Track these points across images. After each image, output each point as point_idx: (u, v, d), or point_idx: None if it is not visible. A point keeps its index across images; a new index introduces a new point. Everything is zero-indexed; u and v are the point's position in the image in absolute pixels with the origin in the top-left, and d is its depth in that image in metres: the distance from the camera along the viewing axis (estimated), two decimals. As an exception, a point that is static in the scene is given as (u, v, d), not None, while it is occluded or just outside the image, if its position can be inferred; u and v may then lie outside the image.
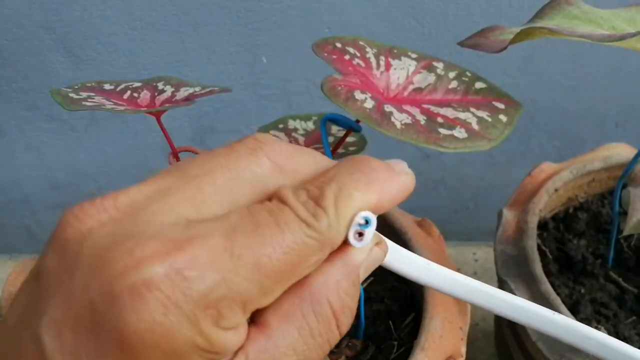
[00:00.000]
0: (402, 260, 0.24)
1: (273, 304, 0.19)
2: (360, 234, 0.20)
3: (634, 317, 0.43)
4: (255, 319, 0.20)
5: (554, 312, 0.25)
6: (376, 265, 0.22)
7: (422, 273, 0.24)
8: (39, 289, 0.19)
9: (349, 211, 0.20)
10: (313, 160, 0.22)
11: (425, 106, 0.32)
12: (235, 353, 0.19)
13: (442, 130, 0.29)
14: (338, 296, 0.20)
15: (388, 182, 0.22)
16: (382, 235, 0.23)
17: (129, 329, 0.17)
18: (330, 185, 0.20)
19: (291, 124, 0.44)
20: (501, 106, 0.32)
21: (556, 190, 0.49)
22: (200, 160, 0.20)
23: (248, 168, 0.20)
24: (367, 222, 0.20)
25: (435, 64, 0.36)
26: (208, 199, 0.19)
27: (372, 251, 0.22)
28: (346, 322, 0.21)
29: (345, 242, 0.20)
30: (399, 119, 0.29)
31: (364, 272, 0.22)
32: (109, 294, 0.17)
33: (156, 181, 0.20)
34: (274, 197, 0.20)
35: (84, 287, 0.18)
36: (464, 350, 0.36)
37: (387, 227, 0.44)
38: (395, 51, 0.36)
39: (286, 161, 0.21)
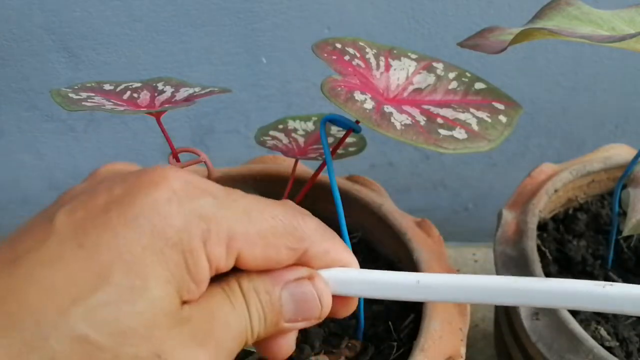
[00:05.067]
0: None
1: None
2: None
3: (633, 318, 0.43)
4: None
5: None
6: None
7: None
8: (60, 200, 0.22)
9: None
10: None
11: (425, 107, 0.32)
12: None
13: (442, 131, 0.29)
14: None
15: None
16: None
17: (140, 202, 0.21)
18: None
19: (291, 124, 0.44)
20: (501, 107, 0.32)
21: (556, 191, 0.49)
22: None
23: None
24: None
25: (435, 64, 0.36)
26: None
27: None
28: None
29: None
30: (398, 119, 0.29)
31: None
32: (131, 186, 0.21)
33: None
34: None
35: (107, 188, 0.21)
36: (463, 351, 0.36)
37: (387, 228, 0.44)
38: (395, 52, 0.36)
39: None
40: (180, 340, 0.21)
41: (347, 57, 0.34)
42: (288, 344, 0.26)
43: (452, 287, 0.25)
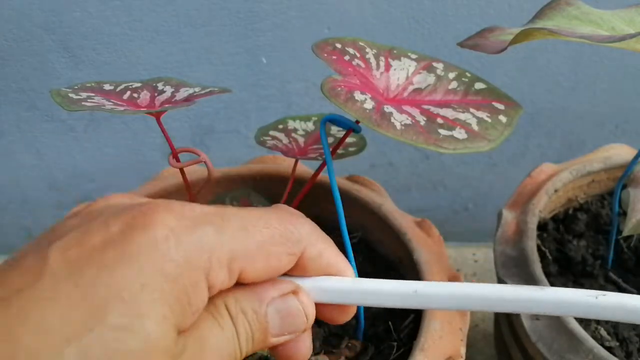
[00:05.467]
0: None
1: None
2: None
3: (633, 318, 0.43)
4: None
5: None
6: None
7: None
8: (52, 233, 0.22)
9: None
10: None
11: (425, 107, 0.32)
12: None
13: (442, 131, 0.29)
14: None
15: None
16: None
17: (137, 241, 0.21)
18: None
19: (291, 124, 0.44)
20: (501, 107, 0.32)
21: (556, 191, 0.49)
22: None
23: None
24: None
25: (435, 64, 0.36)
26: None
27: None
28: None
29: None
30: (398, 119, 0.29)
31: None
32: (127, 225, 0.21)
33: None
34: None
35: (103, 225, 0.21)
36: (463, 351, 0.36)
37: (387, 228, 0.44)
38: (395, 52, 0.36)
39: None
40: None
41: (347, 57, 0.34)
42: (306, 346, 0.26)
43: (449, 296, 0.25)
